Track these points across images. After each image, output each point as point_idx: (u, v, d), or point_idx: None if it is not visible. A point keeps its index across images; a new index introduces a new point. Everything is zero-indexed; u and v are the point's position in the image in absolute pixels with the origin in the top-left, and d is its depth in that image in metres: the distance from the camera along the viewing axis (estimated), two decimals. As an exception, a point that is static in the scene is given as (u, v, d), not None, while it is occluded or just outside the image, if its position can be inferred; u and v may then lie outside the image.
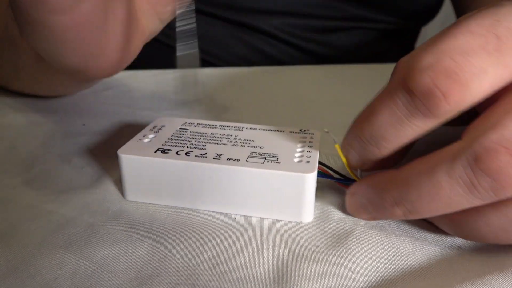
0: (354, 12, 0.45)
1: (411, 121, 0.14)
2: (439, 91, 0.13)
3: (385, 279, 0.15)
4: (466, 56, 0.13)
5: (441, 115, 0.14)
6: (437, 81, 0.13)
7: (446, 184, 0.14)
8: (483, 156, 0.13)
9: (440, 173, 0.14)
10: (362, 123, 0.16)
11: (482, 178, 0.13)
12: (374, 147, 0.16)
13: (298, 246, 0.16)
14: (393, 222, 0.18)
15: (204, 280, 0.15)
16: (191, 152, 0.18)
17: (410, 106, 0.14)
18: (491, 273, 0.15)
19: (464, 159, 0.13)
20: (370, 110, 0.16)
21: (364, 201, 0.17)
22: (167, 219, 0.18)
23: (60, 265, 0.15)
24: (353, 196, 0.17)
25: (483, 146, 0.13)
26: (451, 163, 0.13)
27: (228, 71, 0.42)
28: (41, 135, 0.27)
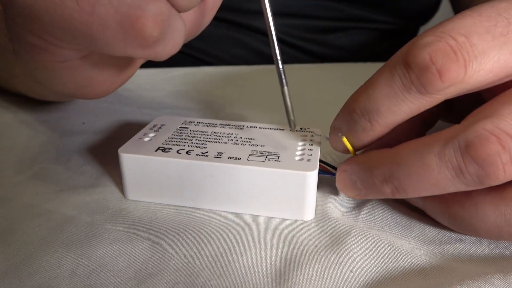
0: (353, 12, 0.45)
1: (405, 96, 0.14)
2: (435, 67, 0.13)
3: (384, 277, 0.15)
4: (468, 37, 0.13)
5: (434, 92, 0.14)
6: (434, 57, 0.13)
7: (435, 166, 0.14)
8: (474, 143, 0.13)
9: (431, 154, 0.14)
10: (357, 96, 0.16)
11: (470, 164, 0.13)
12: (366, 121, 0.16)
13: (298, 245, 0.16)
14: (392, 221, 0.18)
15: (204, 278, 0.15)
16: (192, 151, 0.18)
17: (406, 80, 0.14)
18: (492, 273, 0.15)
19: (456, 143, 0.13)
20: (367, 83, 0.16)
21: (353, 178, 0.17)
22: (167, 218, 0.18)
23: (59, 264, 0.15)
24: (344, 172, 0.17)
25: (475, 133, 0.13)
26: (443, 146, 0.14)
27: (228, 70, 0.42)
28: (41, 134, 0.27)
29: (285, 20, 0.45)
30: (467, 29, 0.13)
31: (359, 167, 0.17)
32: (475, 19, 0.14)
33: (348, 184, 0.17)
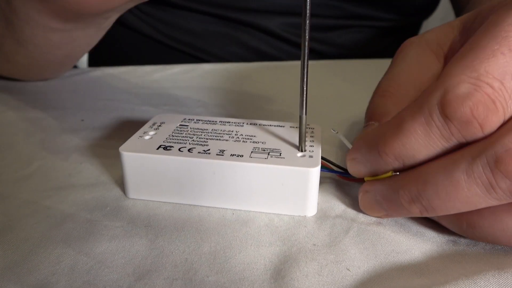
0: (353, 10, 0.45)
1: (443, 144, 0.14)
2: (477, 122, 0.13)
3: (381, 276, 0.15)
4: (503, 81, 0.13)
5: (473, 140, 0.14)
6: (475, 112, 0.13)
7: (464, 184, 0.14)
8: (504, 158, 0.13)
9: (459, 172, 0.14)
10: (390, 140, 0.15)
11: (501, 179, 0.13)
12: (400, 164, 0.16)
13: (296, 243, 0.16)
14: (391, 219, 0.18)
15: (202, 275, 0.15)
16: (194, 149, 0.18)
17: (446, 131, 0.14)
18: (487, 270, 0.15)
19: (484, 159, 0.13)
20: (399, 128, 0.15)
21: (378, 199, 0.17)
22: (165, 215, 0.18)
23: (58, 260, 0.15)
24: (367, 193, 0.17)
25: (504, 148, 0.13)
26: (471, 162, 0.13)
27: (227, 67, 0.42)
28: (40, 131, 0.27)
29: (286, 19, 0.44)
30: (500, 71, 0.13)
31: (384, 187, 0.16)
32: (506, 58, 0.13)
33: (373, 205, 0.17)
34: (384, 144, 0.15)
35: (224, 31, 0.45)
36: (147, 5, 0.45)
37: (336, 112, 0.30)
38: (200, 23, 0.45)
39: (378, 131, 0.16)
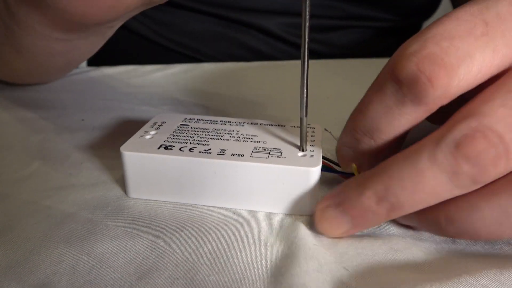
0: (353, 11, 0.45)
1: (401, 110, 0.14)
2: (424, 77, 0.13)
3: (380, 273, 0.15)
4: (451, 41, 0.13)
5: (429, 101, 0.14)
6: (421, 66, 0.13)
7: (429, 172, 0.13)
8: (463, 142, 0.13)
9: (423, 160, 0.14)
10: (355, 117, 0.16)
11: (463, 163, 0.13)
12: (369, 139, 0.16)
13: (296, 241, 0.16)
14: (393, 229, 0.18)
15: (203, 274, 0.15)
16: (195, 148, 0.18)
17: (398, 94, 0.14)
18: (488, 268, 0.15)
19: (445, 145, 0.13)
20: (362, 103, 0.16)
21: (340, 209, 0.16)
22: (166, 215, 0.18)
23: (59, 260, 0.15)
24: (327, 208, 0.16)
25: (462, 133, 0.13)
26: (433, 149, 0.13)
27: (228, 66, 0.42)
28: (40, 131, 0.27)
29: (285, 19, 0.44)
30: (448, 34, 0.13)
31: (348, 194, 0.15)
32: (453, 23, 0.14)
33: (334, 220, 0.16)
34: (352, 120, 0.16)
35: (224, 32, 0.45)
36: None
37: (337, 112, 0.30)
38: (199, 24, 0.45)
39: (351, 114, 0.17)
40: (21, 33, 0.26)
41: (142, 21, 0.46)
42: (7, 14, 0.26)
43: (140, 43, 0.47)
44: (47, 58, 0.30)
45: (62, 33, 0.26)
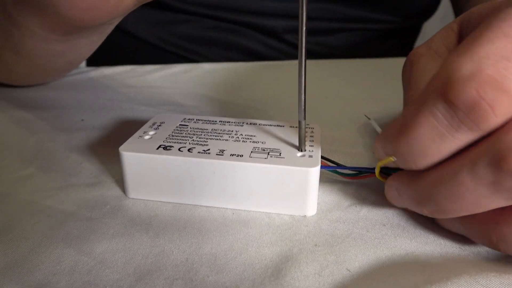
0: (352, 13, 0.45)
1: (453, 135, 0.13)
2: (486, 103, 0.12)
3: (381, 274, 0.15)
4: (508, 63, 0.12)
5: (489, 128, 0.13)
6: (482, 92, 0.12)
7: (470, 185, 0.13)
8: (505, 156, 0.12)
9: (463, 174, 0.13)
10: (397, 137, 0.15)
11: (506, 178, 0.12)
12: (411, 163, 0.15)
13: (297, 243, 0.16)
14: (394, 220, 0.18)
15: (202, 275, 0.15)
16: (194, 149, 0.18)
17: (453, 119, 0.13)
18: (488, 271, 0.15)
19: (486, 159, 0.13)
20: (405, 123, 0.14)
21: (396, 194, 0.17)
22: (166, 215, 0.18)
23: (59, 260, 0.15)
24: (390, 187, 0.17)
25: (505, 146, 0.12)
26: (474, 163, 0.13)
27: (227, 67, 0.42)
28: (40, 131, 0.27)
29: (283, 22, 0.45)
30: (502, 54, 0.12)
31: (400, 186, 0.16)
32: (503, 41, 0.13)
33: (395, 198, 0.17)
34: (392, 142, 0.15)
35: (223, 36, 0.45)
36: (145, 9, 0.44)
37: (336, 112, 0.30)
38: (198, 27, 0.45)
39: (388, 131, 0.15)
40: (21, 36, 0.26)
41: (140, 22, 0.46)
42: (6, 18, 0.26)
43: (139, 44, 0.47)
44: (47, 59, 0.30)
45: (62, 35, 0.26)
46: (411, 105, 0.14)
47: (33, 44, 0.27)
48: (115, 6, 0.20)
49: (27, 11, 0.24)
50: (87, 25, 0.22)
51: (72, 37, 0.27)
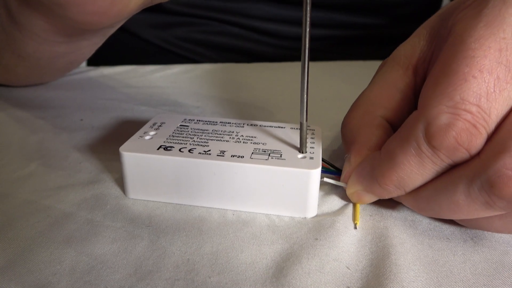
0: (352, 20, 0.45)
1: (436, 169, 0.15)
2: (463, 148, 0.14)
3: (380, 272, 0.15)
4: (480, 104, 0.14)
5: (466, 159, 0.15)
6: (460, 140, 0.14)
7: (465, 203, 0.15)
8: (497, 183, 0.13)
9: (458, 193, 0.15)
10: (388, 174, 0.16)
11: (498, 200, 0.14)
12: (401, 191, 0.17)
13: (297, 241, 0.16)
14: (391, 217, 0.18)
15: (204, 275, 0.15)
16: (194, 149, 0.18)
17: (436, 159, 0.15)
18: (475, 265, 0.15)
19: (479, 183, 0.14)
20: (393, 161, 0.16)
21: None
22: (166, 215, 0.18)
23: (59, 260, 0.15)
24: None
25: (497, 173, 0.13)
26: (468, 185, 0.14)
27: (228, 67, 0.42)
28: (39, 131, 0.27)
29: (285, 26, 0.45)
30: (475, 95, 0.14)
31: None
32: (478, 80, 0.14)
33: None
34: (383, 177, 0.16)
35: (224, 38, 0.45)
36: (146, 13, 0.45)
37: (336, 113, 0.30)
38: (198, 31, 0.45)
39: (373, 164, 0.17)
40: (23, 39, 0.26)
41: (141, 24, 0.46)
42: (9, 21, 0.25)
43: (139, 43, 0.46)
44: (49, 60, 0.29)
45: (65, 37, 0.26)
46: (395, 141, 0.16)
47: (36, 47, 0.27)
48: (121, 10, 0.21)
49: (33, 14, 0.24)
50: (93, 28, 0.22)
51: (74, 39, 0.27)
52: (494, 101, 0.14)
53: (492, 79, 0.14)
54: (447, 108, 0.14)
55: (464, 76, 0.14)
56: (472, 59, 0.14)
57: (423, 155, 0.15)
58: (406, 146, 0.15)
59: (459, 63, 0.14)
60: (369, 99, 0.19)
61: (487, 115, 0.14)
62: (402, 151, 0.15)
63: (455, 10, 0.16)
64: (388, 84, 0.19)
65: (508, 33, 0.14)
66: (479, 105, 0.14)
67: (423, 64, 0.18)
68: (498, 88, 0.14)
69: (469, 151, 0.14)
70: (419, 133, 0.15)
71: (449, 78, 0.14)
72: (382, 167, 0.16)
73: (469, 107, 0.14)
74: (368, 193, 0.18)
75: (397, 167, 0.16)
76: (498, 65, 0.14)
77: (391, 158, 0.16)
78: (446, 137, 0.14)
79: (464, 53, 0.14)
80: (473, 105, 0.14)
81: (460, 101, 0.14)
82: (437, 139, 0.14)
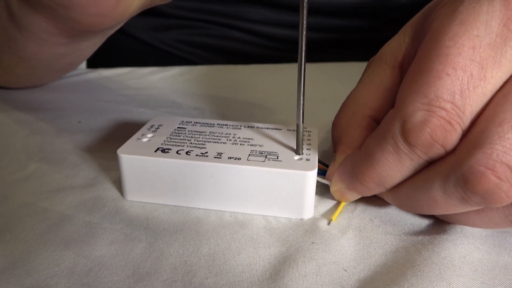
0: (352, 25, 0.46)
1: (414, 166, 0.16)
2: (439, 144, 0.14)
3: (377, 274, 0.15)
4: (454, 101, 0.14)
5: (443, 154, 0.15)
6: (435, 136, 0.14)
7: (441, 199, 0.15)
8: (471, 180, 0.14)
9: (434, 190, 0.15)
10: (367, 172, 0.17)
11: (473, 196, 0.14)
12: (382, 188, 0.17)
13: (294, 243, 0.17)
14: (386, 217, 0.18)
15: (201, 277, 0.15)
16: (192, 151, 0.18)
17: (413, 155, 0.15)
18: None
19: (454, 179, 0.14)
20: (372, 159, 0.16)
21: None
22: (164, 217, 0.18)
23: (57, 263, 0.15)
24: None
25: (470, 170, 0.14)
26: (443, 181, 0.15)
27: (224, 69, 0.42)
28: (37, 133, 0.27)
29: (281, 29, 0.45)
30: (449, 93, 0.14)
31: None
32: (451, 77, 0.14)
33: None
34: (363, 174, 0.17)
35: (221, 41, 0.45)
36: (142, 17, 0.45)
37: (332, 115, 0.30)
38: (197, 34, 0.45)
39: (354, 162, 0.17)
40: (24, 40, 0.26)
41: (138, 26, 0.46)
42: (10, 22, 0.25)
43: (137, 45, 0.47)
44: (49, 61, 0.30)
45: (66, 38, 0.26)
46: (373, 139, 0.16)
47: (36, 48, 0.27)
48: (123, 11, 0.21)
49: (35, 16, 0.24)
50: (95, 30, 0.23)
51: (75, 40, 0.27)
52: (468, 98, 0.14)
53: (466, 76, 0.14)
54: (422, 106, 0.14)
55: (438, 73, 0.14)
56: (446, 57, 0.14)
57: (401, 152, 0.15)
58: (384, 143, 0.16)
59: (434, 60, 0.14)
60: (357, 99, 0.19)
61: (462, 112, 0.14)
62: (380, 149, 0.16)
63: (436, 6, 0.16)
64: (375, 84, 0.19)
65: (481, 30, 0.14)
66: (453, 102, 0.14)
67: (408, 62, 0.18)
68: (472, 85, 0.14)
69: (444, 147, 0.14)
70: (395, 130, 0.15)
71: (424, 76, 0.14)
72: (362, 165, 0.17)
73: (443, 104, 0.14)
74: (350, 191, 0.18)
75: (376, 164, 0.16)
76: (471, 62, 0.14)
77: (370, 156, 0.16)
78: (421, 134, 0.14)
79: (439, 51, 0.14)
80: (447, 102, 0.14)
81: (434, 99, 0.14)
82: (413, 136, 0.15)
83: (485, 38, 0.14)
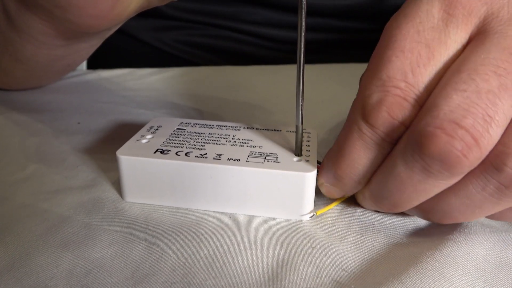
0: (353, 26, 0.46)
1: (379, 149, 0.16)
2: (397, 121, 0.15)
3: (378, 276, 0.15)
4: (406, 80, 0.14)
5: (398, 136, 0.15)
6: (392, 112, 0.15)
7: (405, 175, 0.15)
8: (423, 143, 0.14)
9: (398, 166, 0.15)
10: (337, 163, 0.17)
11: (430, 161, 0.14)
12: (355, 182, 0.17)
13: (293, 246, 0.17)
14: (386, 218, 0.18)
15: (200, 279, 0.15)
16: (191, 153, 0.18)
17: (376, 137, 0.15)
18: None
19: (410, 149, 0.14)
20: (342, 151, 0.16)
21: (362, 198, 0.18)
22: (163, 219, 0.18)
23: (56, 264, 0.15)
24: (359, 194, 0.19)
25: (421, 132, 0.14)
26: (403, 154, 0.15)
27: (223, 70, 0.42)
28: (36, 134, 0.27)
29: (281, 31, 0.45)
30: (400, 72, 0.15)
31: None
32: (400, 58, 0.15)
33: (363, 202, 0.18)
34: (336, 167, 0.17)
35: (223, 44, 0.45)
36: (141, 18, 0.45)
37: (332, 116, 0.30)
38: (196, 34, 0.45)
39: (329, 156, 0.17)
40: (22, 42, 0.26)
41: (137, 27, 0.46)
42: (7, 25, 0.25)
43: (136, 46, 0.47)
44: (48, 63, 0.30)
45: (64, 40, 0.26)
46: (341, 131, 0.17)
47: (34, 50, 0.27)
48: (120, 12, 0.21)
49: (32, 18, 0.24)
50: (93, 31, 0.23)
51: (73, 42, 0.27)
52: (420, 75, 0.14)
53: (414, 56, 0.15)
54: (377, 88, 0.15)
55: (388, 58, 0.15)
56: (394, 43, 0.15)
57: (365, 136, 0.15)
58: (349, 132, 0.16)
59: (383, 48, 0.15)
60: None
61: (416, 89, 0.14)
62: (347, 138, 0.16)
63: None
64: None
65: (423, 17, 0.15)
66: (406, 81, 0.14)
67: None
68: (422, 64, 0.14)
69: (404, 124, 0.15)
70: (357, 116, 0.16)
71: (376, 63, 0.15)
72: (335, 157, 0.17)
73: (397, 83, 0.15)
74: (332, 186, 0.18)
75: (346, 154, 0.16)
76: (418, 44, 0.15)
77: (340, 147, 0.17)
78: (379, 112, 0.15)
79: (387, 40, 0.15)
80: (400, 81, 0.15)
81: (387, 79, 0.15)
82: (372, 116, 0.15)
83: (428, 23, 0.15)
